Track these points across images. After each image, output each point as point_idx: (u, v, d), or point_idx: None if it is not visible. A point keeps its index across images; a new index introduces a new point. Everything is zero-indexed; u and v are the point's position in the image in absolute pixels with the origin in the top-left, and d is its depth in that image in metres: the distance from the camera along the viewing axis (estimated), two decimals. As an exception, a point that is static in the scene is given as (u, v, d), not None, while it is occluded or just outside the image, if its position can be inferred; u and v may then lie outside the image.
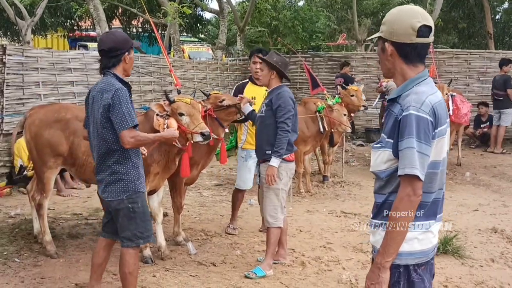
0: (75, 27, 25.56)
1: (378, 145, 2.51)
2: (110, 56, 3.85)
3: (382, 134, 2.49)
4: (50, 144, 5.15)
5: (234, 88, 6.11)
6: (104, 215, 4.26)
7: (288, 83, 5.44)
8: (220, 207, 7.50)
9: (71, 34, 26.43)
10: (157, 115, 4.59)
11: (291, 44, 20.37)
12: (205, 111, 5.26)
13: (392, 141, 2.41)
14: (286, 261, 5.35)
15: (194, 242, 5.82)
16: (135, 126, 3.71)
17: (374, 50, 20.41)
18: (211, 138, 4.81)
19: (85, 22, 24.52)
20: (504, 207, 7.62)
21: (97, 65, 9.81)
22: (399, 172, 2.34)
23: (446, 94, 9.21)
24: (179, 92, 5.34)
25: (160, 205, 5.39)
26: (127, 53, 3.92)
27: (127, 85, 3.87)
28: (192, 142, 4.78)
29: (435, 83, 10.17)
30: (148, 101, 10.83)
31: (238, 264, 5.30)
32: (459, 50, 14.71)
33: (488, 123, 12.80)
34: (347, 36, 24.20)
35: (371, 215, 2.60)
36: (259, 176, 5.25)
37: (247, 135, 6.10)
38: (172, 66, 12.18)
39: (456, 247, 5.59)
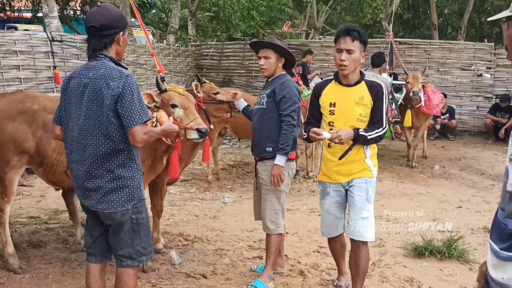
0: (7, 7, 23.79)
1: None
2: (102, 35, 3.14)
3: None
4: (14, 140, 4.33)
5: (312, 89, 4.60)
6: (87, 232, 3.44)
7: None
8: (192, 206, 6.88)
9: (1, 15, 24.62)
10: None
11: (231, 32, 19.78)
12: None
13: None
14: (284, 270, 4.82)
15: (175, 248, 5.20)
16: (146, 121, 3.08)
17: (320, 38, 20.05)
18: (207, 137, 4.19)
19: (18, 2, 22.86)
20: (486, 203, 7.38)
21: (46, 48, 8.97)
22: None
23: (421, 83, 8.97)
24: (163, 80, 4.66)
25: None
26: (121, 32, 3.23)
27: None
28: (181, 139, 4.14)
29: (402, 73, 10.04)
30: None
31: (230, 275, 4.72)
32: (419, 40, 14.62)
33: (447, 115, 12.74)
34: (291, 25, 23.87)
35: (497, 245, 2.00)
36: (256, 176, 4.64)
37: (322, 161, 4.17)
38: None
39: (461, 251, 5.24)
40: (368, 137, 3.88)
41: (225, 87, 11.06)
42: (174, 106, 4.01)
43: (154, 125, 3.83)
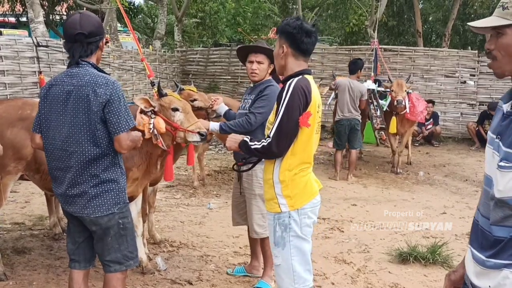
0: (-8, 12, 23.63)
1: (506, 163, 1.84)
2: (89, 42, 3.12)
3: (509, 150, 1.86)
4: (13, 146, 4.28)
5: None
6: (69, 238, 3.40)
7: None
8: (178, 212, 6.86)
9: (-15, 20, 24.47)
10: (141, 112, 3.94)
11: (218, 38, 19.81)
12: None
13: None
14: (260, 274, 4.80)
15: (160, 254, 5.19)
16: (132, 127, 3.11)
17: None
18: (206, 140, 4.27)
19: (2, 7, 22.70)
20: (470, 209, 7.43)
21: (31, 53, 8.91)
22: None
23: (406, 91, 9.04)
24: (152, 84, 4.67)
25: (140, 215, 4.70)
26: (103, 39, 3.26)
27: None
28: (176, 141, 4.17)
29: (386, 80, 10.10)
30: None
31: (216, 281, 4.71)
32: (404, 47, 14.69)
33: (431, 120, 12.85)
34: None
35: (481, 253, 1.98)
36: (239, 181, 4.59)
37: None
38: (112, 56, 11.36)
39: (445, 257, 5.28)
40: (252, 147, 3.10)
41: (211, 93, 11.08)
42: (175, 109, 4.09)
43: (151, 131, 3.91)
